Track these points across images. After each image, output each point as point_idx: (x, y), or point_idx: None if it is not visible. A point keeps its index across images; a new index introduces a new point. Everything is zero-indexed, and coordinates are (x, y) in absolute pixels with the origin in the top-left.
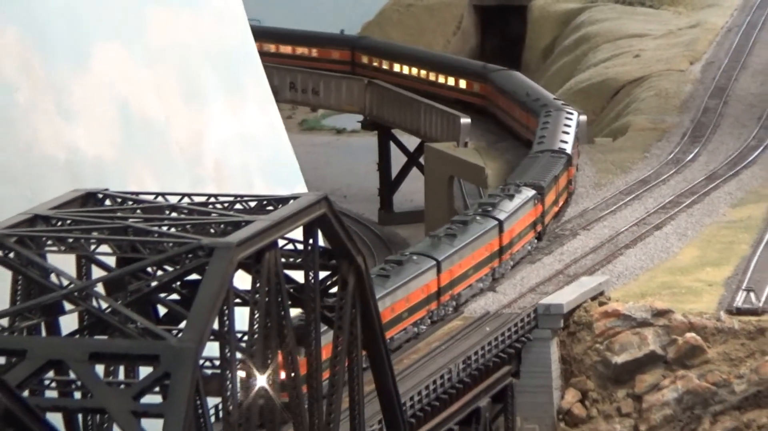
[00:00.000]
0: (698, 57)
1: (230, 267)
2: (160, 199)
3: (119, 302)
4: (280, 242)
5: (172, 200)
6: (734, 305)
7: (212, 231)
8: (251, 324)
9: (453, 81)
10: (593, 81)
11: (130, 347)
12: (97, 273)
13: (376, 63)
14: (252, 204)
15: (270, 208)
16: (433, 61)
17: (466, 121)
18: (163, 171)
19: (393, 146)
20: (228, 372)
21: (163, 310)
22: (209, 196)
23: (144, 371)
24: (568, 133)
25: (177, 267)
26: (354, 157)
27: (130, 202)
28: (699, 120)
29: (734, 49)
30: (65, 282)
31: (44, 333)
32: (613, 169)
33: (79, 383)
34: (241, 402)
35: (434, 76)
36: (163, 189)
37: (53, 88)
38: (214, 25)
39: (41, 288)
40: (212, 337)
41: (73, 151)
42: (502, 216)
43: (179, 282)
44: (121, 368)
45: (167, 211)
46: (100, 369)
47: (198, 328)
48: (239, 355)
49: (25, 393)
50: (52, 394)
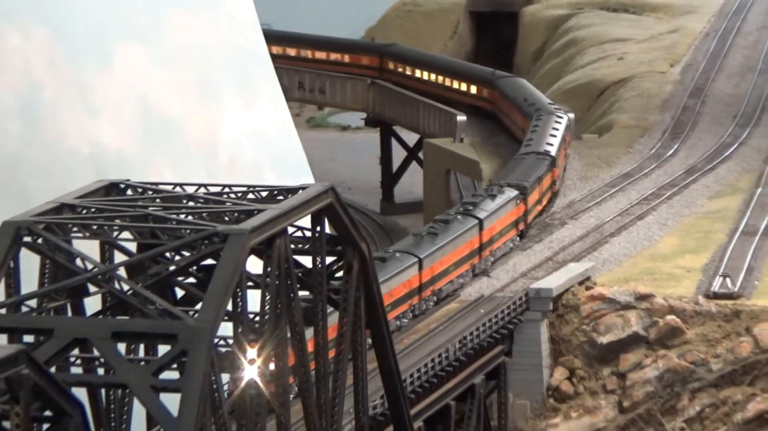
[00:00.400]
0: (678, 60)
1: (243, 253)
2: (178, 189)
3: (140, 285)
4: (290, 229)
5: (189, 190)
6: (711, 290)
7: (226, 219)
8: (262, 305)
9: (465, 87)
10: (580, 82)
11: (149, 326)
12: (119, 257)
13: (401, 69)
14: (263, 194)
15: (280, 197)
16: (449, 68)
17: (462, 118)
18: (180, 163)
19: (394, 142)
20: (240, 350)
21: (180, 292)
22: (224, 186)
23: (162, 349)
24: (555, 136)
25: (194, 252)
26: (358, 152)
27: (150, 192)
28: (679, 118)
29: (711, 53)
30: (89, 266)
31: (70, 314)
32: (599, 163)
33: (102, 360)
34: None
35: (449, 82)
36: (181, 180)
37: (78, 86)
38: (229, 29)
39: (67, 271)
40: (226, 318)
41: (96, 145)
42: (483, 215)
43: (196, 267)
44: (141, 346)
45: (185, 200)
46: (121, 347)
47: (213, 309)
48: (251, 335)
49: (53, 369)
50: (77, 370)
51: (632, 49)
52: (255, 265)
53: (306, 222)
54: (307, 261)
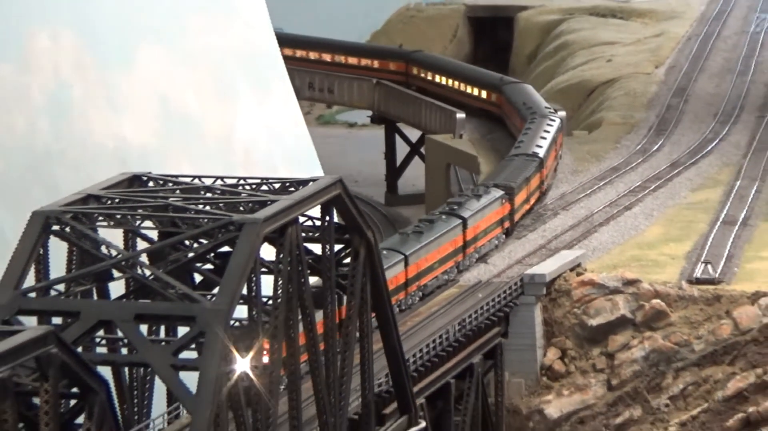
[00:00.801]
0: (662, 62)
1: (257, 241)
2: (196, 181)
3: (161, 270)
4: (301, 218)
5: (207, 182)
6: (694, 276)
7: (242, 209)
8: (275, 289)
9: (477, 91)
10: (571, 82)
11: (170, 309)
12: (141, 245)
13: (423, 74)
14: (276, 185)
15: (292, 189)
16: (463, 74)
17: (461, 116)
18: (198, 157)
19: (398, 138)
20: (255, 331)
21: (198, 277)
22: (239, 178)
23: (182, 330)
24: (545, 138)
25: (211, 240)
26: (364, 147)
27: (170, 184)
28: (663, 116)
29: (693, 55)
30: (114, 253)
31: (95, 297)
32: (588, 158)
33: (126, 340)
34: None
35: (463, 87)
36: (199, 173)
37: (104, 85)
38: (244, 32)
39: (93, 258)
40: (241, 301)
41: (120, 140)
42: (467, 214)
43: (213, 253)
44: (162, 327)
45: (202, 192)
46: (143, 329)
47: (229, 293)
48: (265, 317)
49: (79, 349)
50: (102, 350)
51: (619, 51)
52: (268, 252)
53: (316, 212)
54: (316, 248)
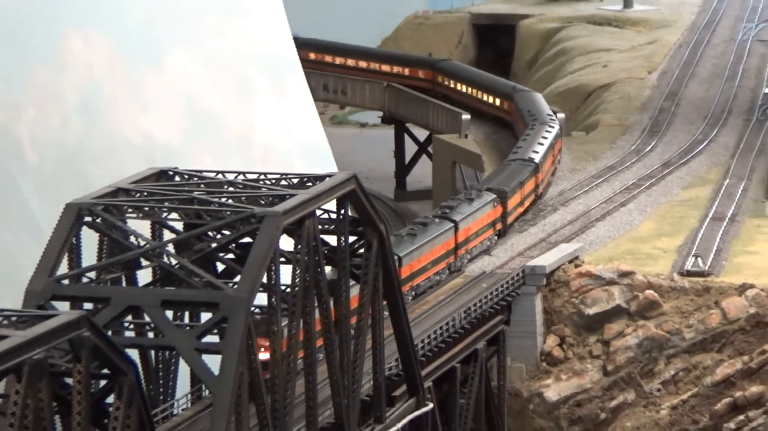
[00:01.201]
0: (655, 67)
1: (277, 232)
2: (219, 176)
3: (186, 259)
4: (318, 212)
5: (230, 177)
6: (685, 268)
7: (262, 202)
8: (293, 278)
9: (492, 99)
10: (569, 86)
11: (194, 296)
12: (167, 235)
13: (447, 83)
14: (294, 180)
15: (309, 184)
16: (483, 83)
17: (466, 117)
18: (220, 153)
19: (407, 137)
20: (274, 317)
21: (221, 266)
22: (260, 173)
23: (205, 316)
24: (542, 144)
25: (233, 231)
26: (374, 146)
27: (195, 178)
28: (656, 118)
29: (684, 61)
30: (142, 243)
31: (125, 284)
32: (586, 157)
33: (153, 325)
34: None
35: (481, 95)
36: (221, 168)
37: (132, 85)
38: (263, 35)
39: (122, 247)
40: (261, 289)
41: (147, 136)
42: (458, 218)
43: (235, 244)
44: (187, 313)
45: (225, 186)
46: (169, 314)
47: (250, 281)
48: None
49: (109, 333)
50: (130, 334)
51: (615, 57)
52: (287, 243)
53: (332, 205)
54: (332, 240)
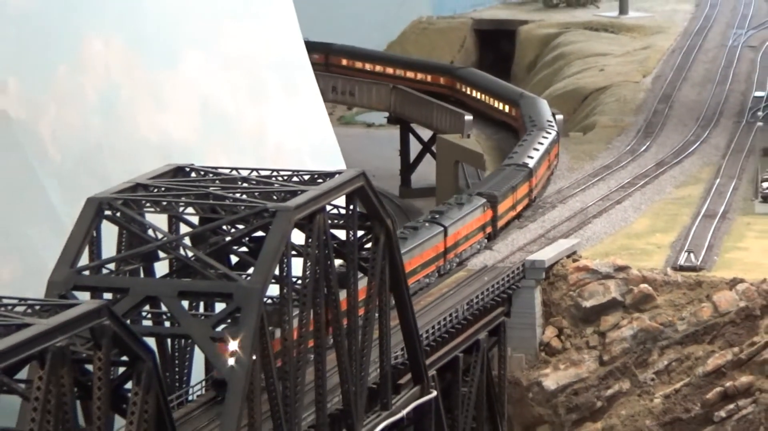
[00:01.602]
0: (649, 71)
1: (289, 226)
2: (233, 172)
3: (201, 252)
4: (328, 207)
5: (243, 173)
6: (678, 263)
7: (275, 197)
8: (304, 270)
9: (501, 106)
10: (567, 89)
11: (209, 287)
12: (184, 229)
13: (463, 89)
14: (306, 177)
15: (320, 180)
16: (494, 90)
17: (468, 118)
18: (233, 151)
19: (411, 137)
20: (286, 307)
21: (235, 259)
22: (272, 170)
23: (219, 306)
24: (538, 150)
25: (247, 225)
26: (380, 145)
27: (210, 174)
28: (650, 120)
29: (677, 66)
30: (159, 236)
31: (143, 275)
32: (583, 157)
33: (169, 314)
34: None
35: (492, 102)
36: (234, 165)
37: (150, 85)
38: (275, 38)
39: (140, 240)
40: (274, 280)
41: (164, 135)
42: (447, 222)
43: (248, 237)
44: (202, 303)
45: (239, 182)
46: (185, 304)
47: (263, 273)
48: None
49: (128, 322)
50: (147, 323)
51: (611, 62)
52: (298, 237)
53: (341, 201)
54: (341, 234)
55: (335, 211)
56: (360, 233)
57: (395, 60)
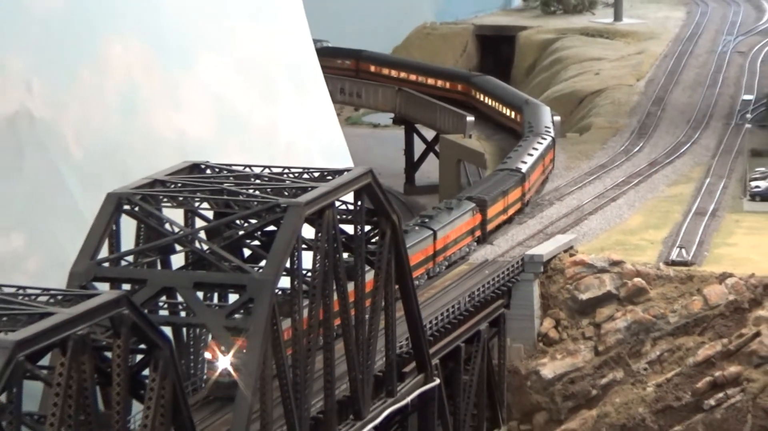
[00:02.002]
0: (643, 75)
1: (299, 221)
2: (247, 169)
3: (216, 245)
4: (336, 203)
5: (256, 170)
6: (670, 258)
7: (286, 193)
8: (314, 264)
9: (508, 112)
10: (564, 92)
11: (223, 278)
12: (199, 223)
13: (477, 96)
14: (316, 174)
15: (329, 177)
16: (503, 97)
17: (470, 119)
18: (246, 149)
19: (416, 137)
20: (296, 298)
21: (248, 252)
22: (284, 168)
23: (233, 297)
24: (532, 155)
25: (259, 220)
26: (386, 145)
27: (224, 171)
28: (643, 122)
29: (669, 70)
30: (176, 230)
31: (160, 267)
32: (579, 156)
33: (185, 304)
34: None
35: (501, 108)
36: (247, 163)
37: (167, 86)
38: (286, 41)
39: (158, 233)
40: (285, 273)
41: (181, 133)
42: (437, 226)
43: (261, 232)
44: (216, 294)
45: (252, 178)
46: (200, 295)
47: (275, 266)
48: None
49: (146, 311)
50: (164, 313)
51: (606, 66)
52: (308, 231)
53: (349, 197)
54: (349, 229)
55: (344, 206)
56: (367, 228)
57: (418, 68)
